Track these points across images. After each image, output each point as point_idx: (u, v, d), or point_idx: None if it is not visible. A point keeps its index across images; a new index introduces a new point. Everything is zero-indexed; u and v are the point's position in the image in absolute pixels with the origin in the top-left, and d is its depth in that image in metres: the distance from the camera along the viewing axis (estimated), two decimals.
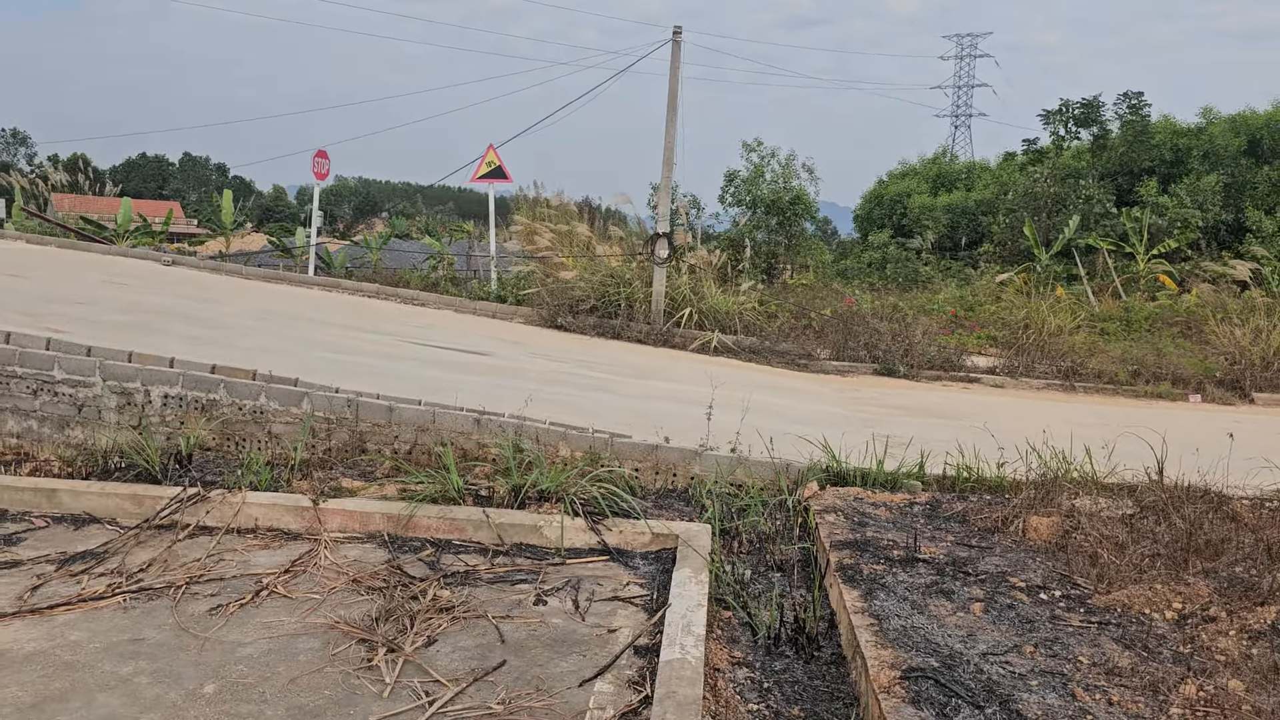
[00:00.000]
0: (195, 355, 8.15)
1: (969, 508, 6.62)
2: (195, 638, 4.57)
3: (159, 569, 5.42)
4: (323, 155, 19.06)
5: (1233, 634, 4.55)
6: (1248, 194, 27.21)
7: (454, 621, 4.85)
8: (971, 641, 4.44)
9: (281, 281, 18.05)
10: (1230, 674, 4.08)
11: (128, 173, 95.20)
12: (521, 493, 6.44)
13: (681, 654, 4.20)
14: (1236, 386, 14.98)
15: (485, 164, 18.40)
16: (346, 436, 7.59)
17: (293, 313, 13.64)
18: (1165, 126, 30.40)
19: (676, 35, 16.47)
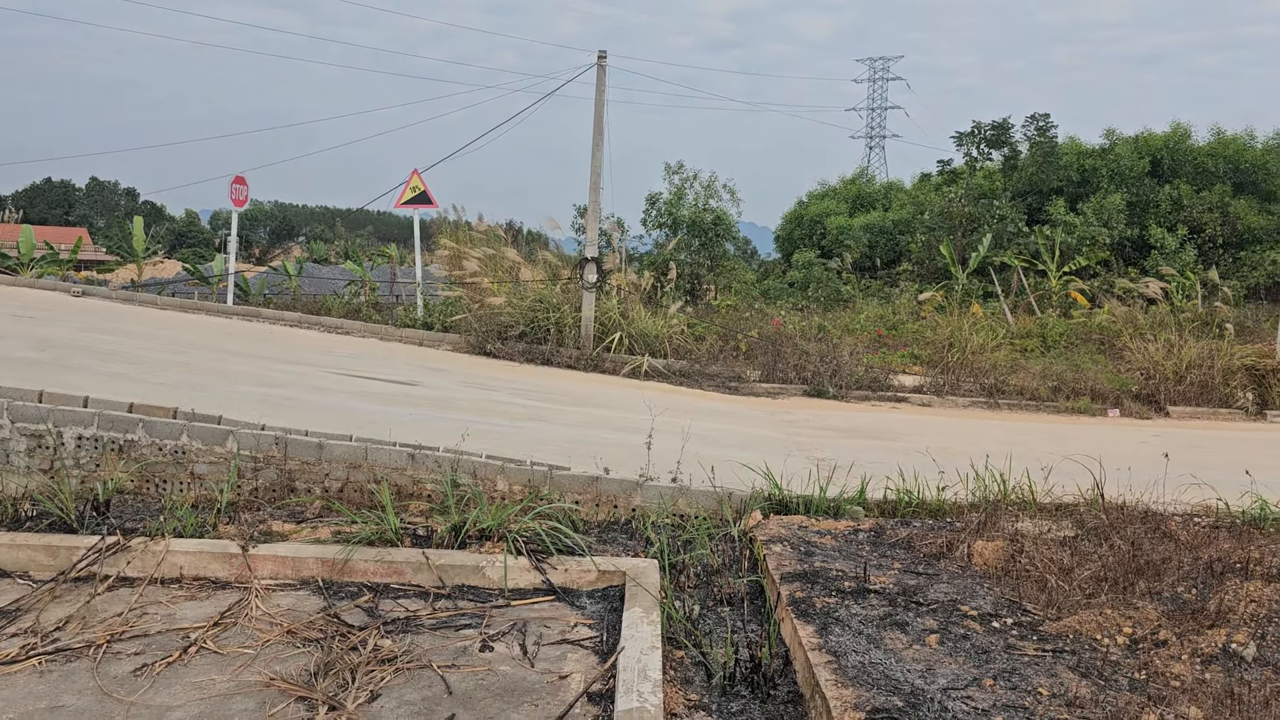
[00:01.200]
0: (111, 393, 7.78)
1: (913, 533, 6.61)
2: (119, 702, 4.28)
3: (77, 626, 5.10)
4: (241, 181, 18.55)
5: (1185, 658, 4.58)
6: (1151, 212, 28.21)
7: (397, 673, 4.64)
8: (931, 676, 4.39)
9: (199, 311, 17.47)
10: (1188, 700, 4.10)
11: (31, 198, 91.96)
12: (462, 532, 6.24)
13: (639, 702, 4.07)
14: (1152, 401, 15.42)
15: (409, 189, 18.10)
16: (275, 476, 7.29)
17: (212, 344, 13.18)
18: (1072, 148, 31.39)
19: (601, 59, 16.44)
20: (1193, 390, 15.51)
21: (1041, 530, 6.36)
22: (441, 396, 11.43)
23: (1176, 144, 30.61)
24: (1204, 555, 5.84)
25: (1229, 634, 4.77)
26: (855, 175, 43.80)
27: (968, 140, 32.49)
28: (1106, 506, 6.77)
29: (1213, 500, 7.39)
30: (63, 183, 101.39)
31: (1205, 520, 6.91)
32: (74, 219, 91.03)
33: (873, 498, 7.50)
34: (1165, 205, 28.26)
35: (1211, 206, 27.42)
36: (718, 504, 7.19)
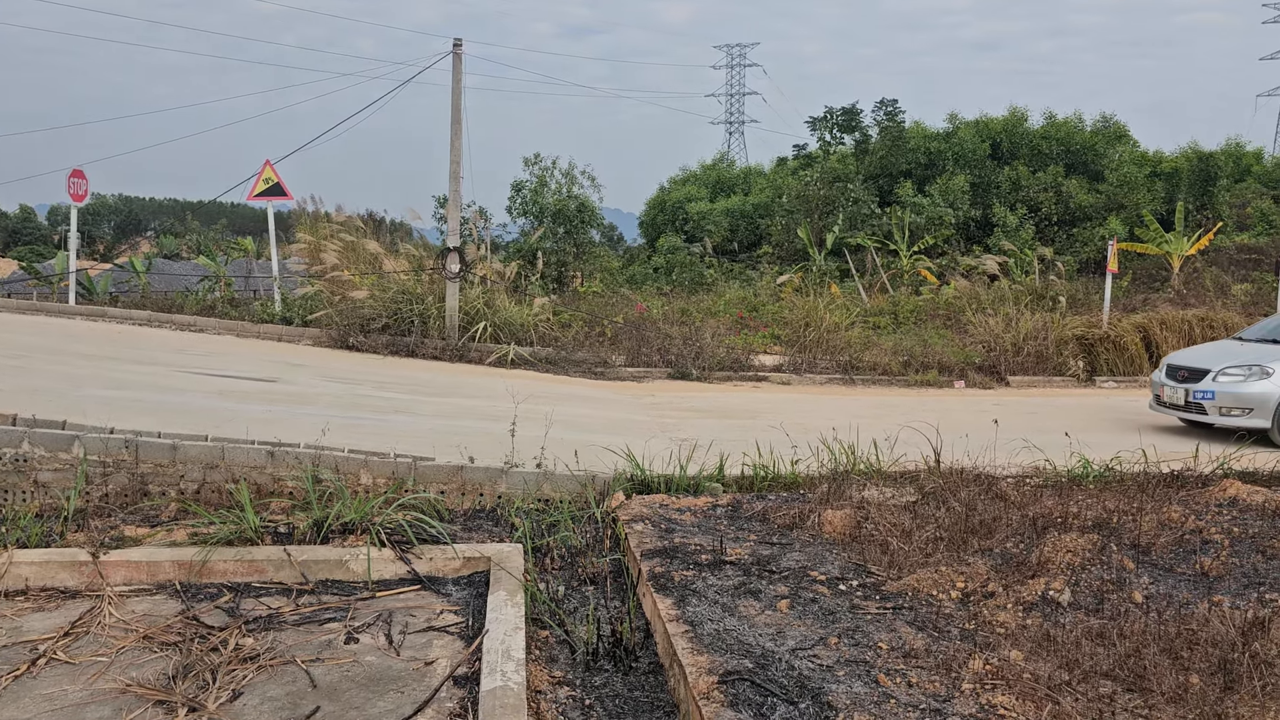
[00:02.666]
0: None
1: (768, 506, 6.91)
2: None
3: None
4: (79, 175, 17.66)
5: (1010, 607, 4.98)
6: (993, 193, 29.71)
7: (260, 670, 4.63)
8: (781, 639, 4.66)
9: (39, 313, 16.61)
10: (1010, 645, 4.47)
11: None
12: (324, 526, 6.21)
13: (503, 681, 4.19)
14: (994, 371, 16.33)
15: (262, 181, 17.59)
16: (126, 480, 7.08)
17: (55, 347, 12.59)
18: (918, 131, 32.75)
19: (457, 47, 16.31)
20: (1030, 360, 16.50)
21: (886, 497, 6.75)
22: (302, 392, 11.24)
23: (1014, 127, 32.28)
24: (1030, 513, 6.32)
25: (1047, 583, 5.21)
26: (716, 160, 44.60)
27: (821, 125, 33.52)
28: (944, 472, 7.22)
29: (1041, 462, 7.95)
30: None
31: (1033, 480, 7.44)
32: None
33: (731, 474, 7.79)
34: (1005, 186, 29.80)
35: (1046, 186, 29.06)
36: (582, 487, 7.35)
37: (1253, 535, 6.27)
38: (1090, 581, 5.33)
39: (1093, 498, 6.77)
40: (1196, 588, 5.42)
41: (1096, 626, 4.66)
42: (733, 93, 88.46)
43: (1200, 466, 7.89)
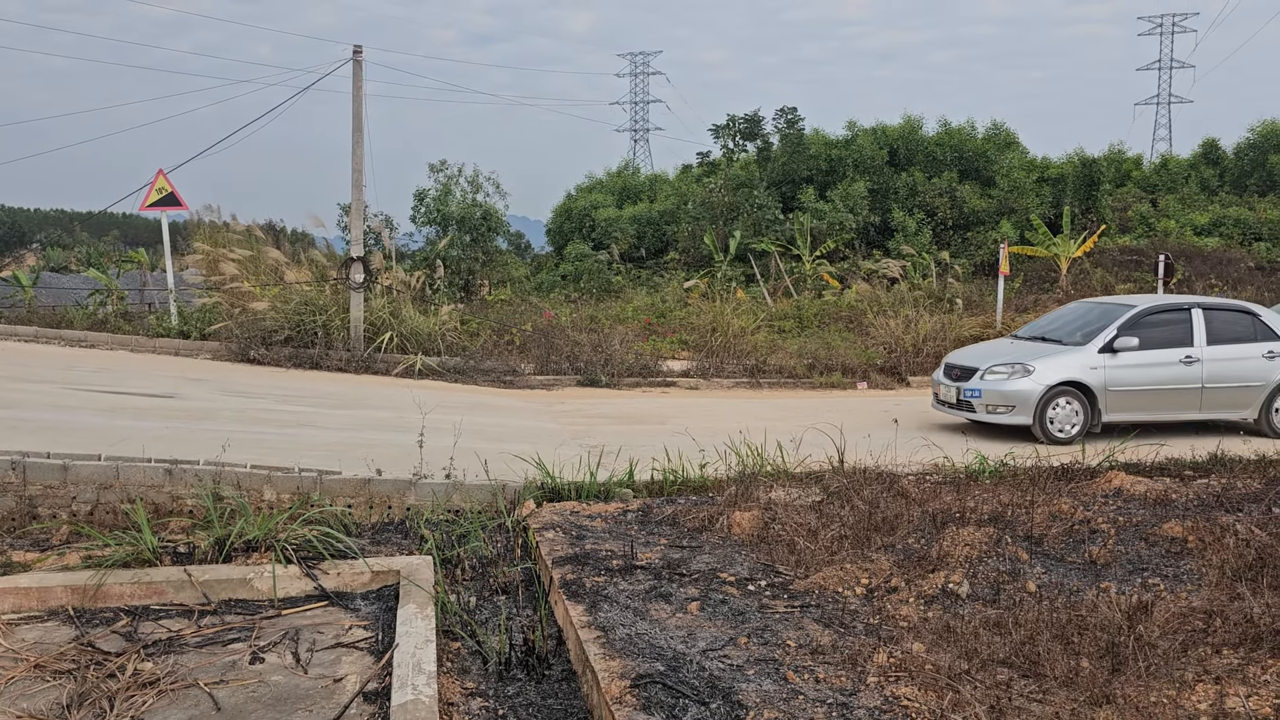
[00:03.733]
0: None
1: (678, 510, 6.99)
2: None
3: None
4: None
5: (912, 601, 5.13)
6: (891, 198, 30.45)
7: (160, 695, 4.50)
8: (692, 641, 4.72)
9: None
10: (913, 638, 4.61)
11: None
12: (226, 545, 6.06)
13: (414, 695, 4.16)
14: (895, 372, 16.74)
15: (155, 190, 17.04)
16: (13, 503, 6.80)
17: None
18: (818, 139, 33.37)
19: (357, 54, 16.07)
20: (930, 361, 16.94)
21: (792, 498, 6.89)
22: (201, 407, 10.93)
23: (910, 135, 33.13)
24: (930, 508, 6.52)
25: (947, 575, 5.38)
26: (621, 168, 44.70)
27: (724, 133, 33.89)
28: (848, 471, 7.40)
29: (940, 459, 8.20)
30: None
31: (933, 478, 7.67)
32: None
33: (641, 479, 7.85)
34: (903, 191, 30.56)
35: (942, 192, 29.89)
36: (492, 496, 7.32)
37: (1136, 523, 6.58)
38: (987, 573, 5.52)
39: (988, 492, 7.02)
40: (1085, 575, 5.66)
41: (994, 616, 4.84)
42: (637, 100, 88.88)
43: (1087, 460, 8.24)
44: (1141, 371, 11.00)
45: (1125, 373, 10.95)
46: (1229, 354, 11.17)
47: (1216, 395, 11.16)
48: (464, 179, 26.62)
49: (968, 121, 33.79)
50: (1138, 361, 10.98)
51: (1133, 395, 11.00)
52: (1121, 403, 10.98)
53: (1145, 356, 11.00)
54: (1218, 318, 11.37)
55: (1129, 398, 10.99)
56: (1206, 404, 11.18)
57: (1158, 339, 11.15)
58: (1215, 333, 11.24)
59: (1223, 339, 11.24)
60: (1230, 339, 11.28)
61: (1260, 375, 11.22)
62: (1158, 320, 11.30)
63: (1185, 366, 11.04)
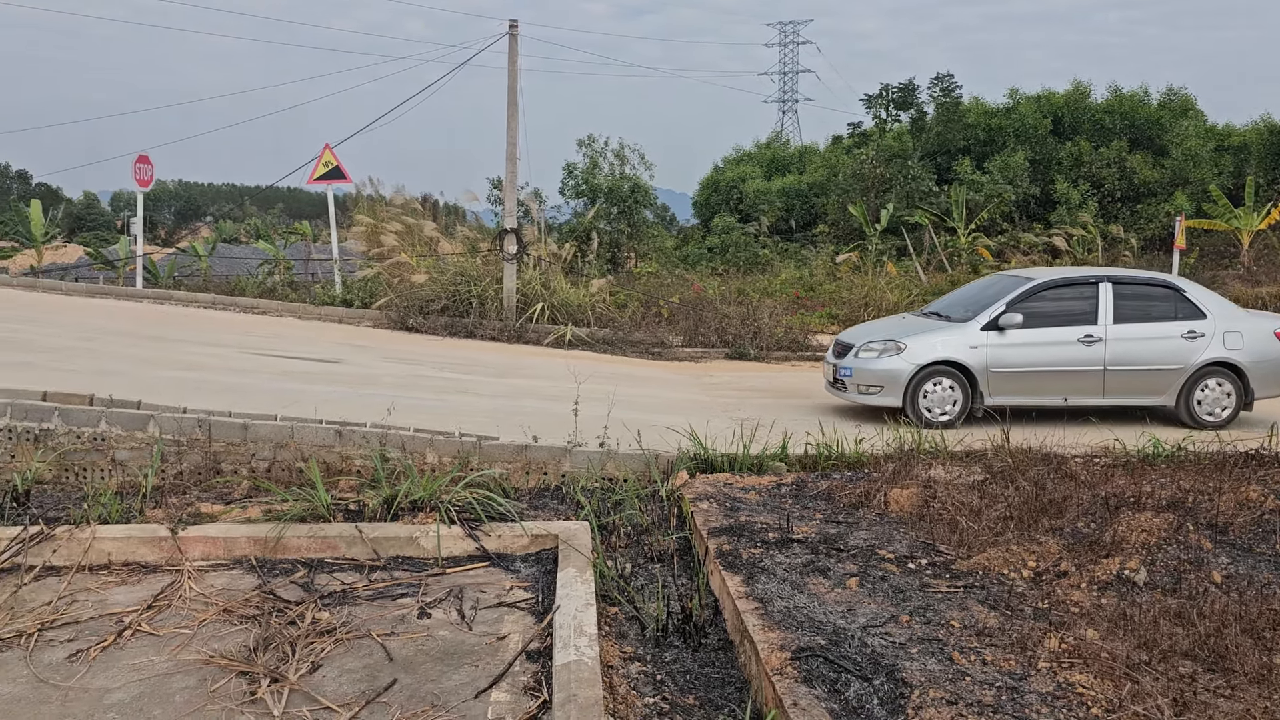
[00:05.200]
0: (22, 383, 7.63)
1: (833, 485, 6.88)
2: (56, 688, 4.29)
3: (5, 617, 5.05)
4: (145, 160, 18.03)
5: (1083, 586, 4.90)
6: (1054, 169, 29.12)
7: (337, 644, 4.72)
8: (852, 616, 4.63)
9: (107, 296, 17.02)
10: (1086, 624, 4.40)
11: None
12: (394, 504, 6.31)
13: (577, 655, 4.22)
14: None
15: (322, 164, 17.80)
16: (199, 458, 7.25)
17: (125, 329, 12.90)
18: (976, 107, 32.16)
19: (513, 29, 16.34)
20: None
21: (952, 476, 6.68)
22: (365, 373, 11.39)
23: (1076, 102, 31.57)
24: (1101, 492, 6.21)
25: (1122, 562, 5.11)
26: (770, 140, 44.23)
27: (876, 103, 33.09)
28: (1012, 451, 7.12)
29: (1110, 441, 7.81)
30: None
31: (1104, 460, 7.30)
32: None
33: (794, 453, 7.76)
34: (1067, 162, 29.18)
35: (1110, 162, 28.40)
36: (645, 466, 7.37)
37: None
38: (1166, 561, 5.22)
39: (1165, 477, 6.64)
40: (1278, 568, 5.29)
41: (1175, 606, 4.57)
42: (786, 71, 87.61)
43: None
44: (1030, 351, 9.93)
45: (1011, 352, 9.91)
46: (1140, 333, 10.01)
47: (1123, 379, 9.99)
48: (610, 152, 26.82)
49: (1140, 87, 31.91)
50: (1027, 340, 9.94)
51: (1019, 377, 9.95)
52: (1006, 385, 9.95)
53: (1036, 335, 9.96)
54: (1132, 293, 10.18)
55: (1015, 379, 9.95)
56: (1111, 388, 10.02)
57: (1054, 316, 10.06)
58: (1126, 310, 10.07)
59: (1135, 317, 10.07)
60: (1144, 317, 10.09)
61: (1177, 357, 9.98)
62: (1057, 295, 10.20)
63: (1084, 346, 9.92)
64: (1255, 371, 9.97)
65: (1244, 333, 10.02)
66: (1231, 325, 10.06)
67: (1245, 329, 10.06)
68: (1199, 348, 9.95)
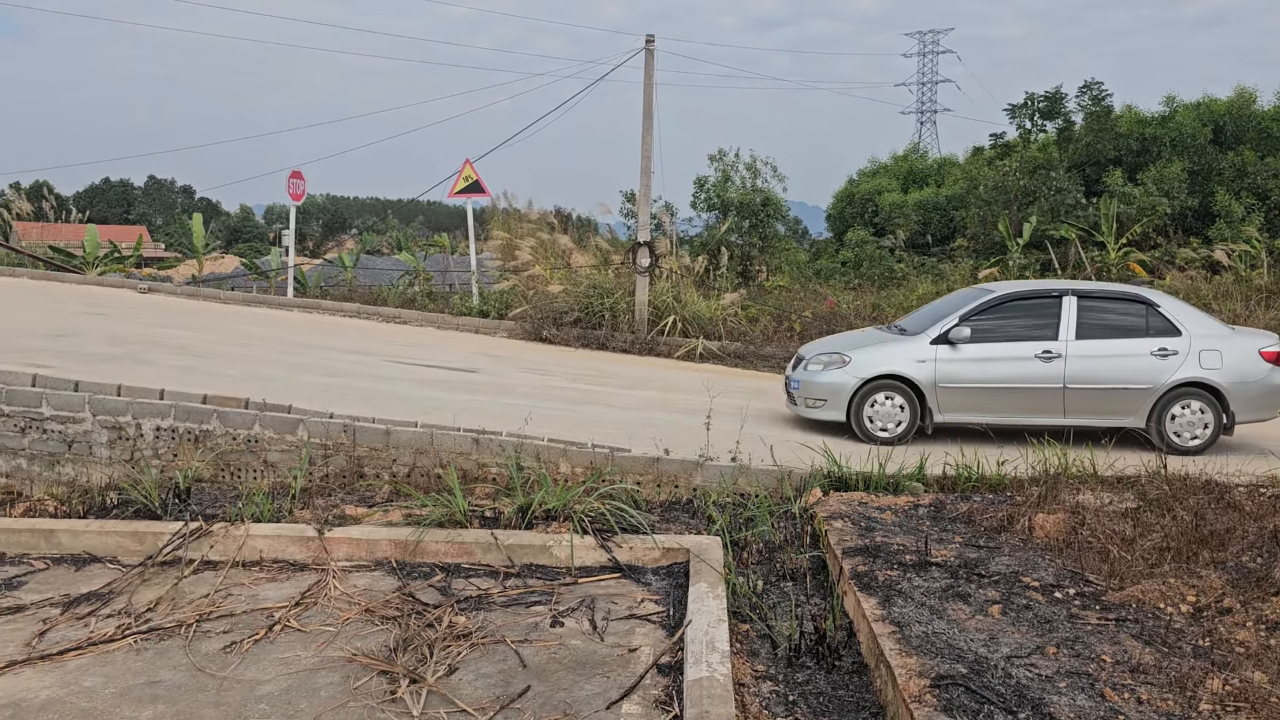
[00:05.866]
0: (184, 385, 8.07)
1: (974, 508, 6.65)
2: (212, 677, 4.50)
3: (167, 607, 5.35)
4: (298, 176, 18.91)
5: (1250, 625, 4.59)
6: (1214, 180, 27.56)
7: (473, 648, 4.81)
8: (994, 645, 4.46)
9: (260, 305, 17.89)
10: (1253, 666, 4.12)
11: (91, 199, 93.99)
12: (528, 512, 6.40)
13: (709, 672, 4.19)
14: None
15: (462, 179, 18.33)
16: (344, 462, 7.52)
17: (276, 336, 13.53)
18: (1129, 116, 30.74)
19: (649, 44, 16.48)
20: None
21: (1103, 502, 6.36)
22: (501, 382, 11.63)
23: (1240, 110, 29.82)
24: (1269, 525, 5.81)
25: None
26: (907, 151, 43.31)
27: (1021, 112, 32.01)
28: (1169, 478, 6.75)
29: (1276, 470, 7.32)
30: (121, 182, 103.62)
31: (1271, 490, 6.84)
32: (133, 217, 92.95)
33: (932, 473, 7.54)
34: (1229, 173, 27.57)
35: (1277, 173, 26.71)
36: (778, 482, 7.28)
37: None
38: None
39: None
40: None
41: None
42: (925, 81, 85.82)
43: None
44: (982, 367, 9.34)
45: (962, 367, 9.35)
46: (1104, 350, 9.29)
47: (1085, 398, 9.27)
48: (742, 165, 26.74)
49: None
50: (980, 355, 9.36)
51: (970, 393, 9.36)
52: (957, 401, 9.38)
53: (990, 350, 9.37)
54: (1098, 307, 9.48)
55: (965, 396, 9.36)
56: (1072, 408, 9.30)
57: (1012, 330, 9.46)
58: (1091, 325, 9.38)
59: (1100, 332, 9.37)
60: (1110, 333, 9.38)
61: (1146, 376, 9.20)
62: (1016, 309, 9.58)
63: (1042, 363, 9.26)
64: (1236, 393, 9.16)
65: (1224, 351, 9.24)
66: (1210, 343, 9.29)
67: (1226, 347, 9.28)
68: (1171, 366, 9.21)
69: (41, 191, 33.44)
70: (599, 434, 8.08)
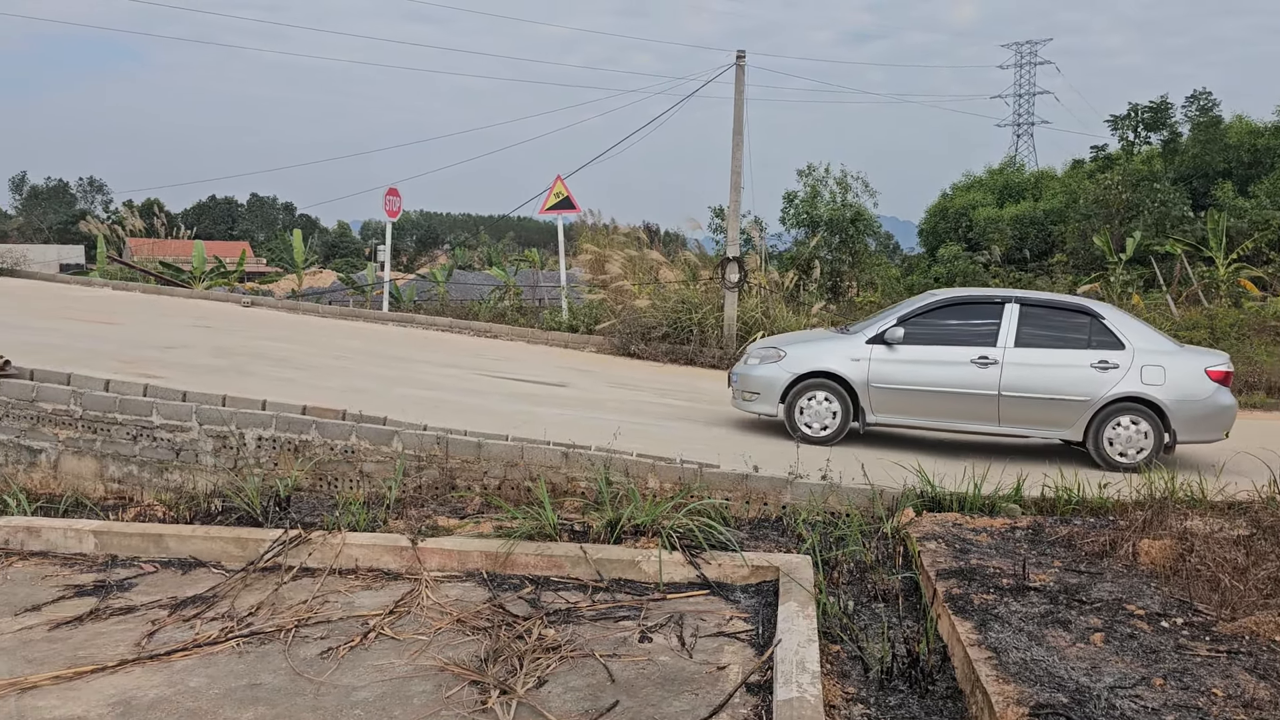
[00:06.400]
0: (284, 396, 8.31)
1: (1074, 531, 6.44)
2: (310, 681, 4.61)
3: (268, 612, 5.50)
4: (394, 193, 19.39)
5: None
6: None
7: (561, 661, 4.84)
8: (1096, 674, 4.30)
9: (357, 319, 18.36)
10: None
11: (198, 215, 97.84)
12: (617, 527, 6.42)
13: (799, 692, 4.13)
14: None
15: (554, 195, 18.57)
16: (436, 474, 7.65)
17: (371, 350, 13.86)
18: (1240, 126, 29.65)
19: (740, 59, 16.48)
20: None
21: (1213, 529, 6.11)
22: (590, 397, 11.71)
23: None
24: None
25: None
26: (1003, 165, 42.46)
27: (1123, 124, 31.15)
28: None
29: None
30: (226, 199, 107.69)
31: None
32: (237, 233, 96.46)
33: (1029, 495, 7.33)
34: None
35: None
36: (869, 501, 7.17)
37: None
38: None
39: None
40: None
41: None
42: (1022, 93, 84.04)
43: None
44: (917, 369, 9.21)
45: (895, 368, 9.24)
46: (1042, 359, 9.02)
47: (1020, 407, 8.99)
48: (832, 180, 26.56)
49: None
50: (915, 357, 9.23)
51: (902, 395, 9.22)
52: (889, 402, 9.27)
53: (925, 352, 9.23)
54: (1041, 316, 9.22)
55: (898, 397, 9.24)
56: (1007, 416, 9.04)
57: (951, 334, 9.28)
58: (1031, 334, 9.12)
59: (1040, 342, 9.10)
60: (1051, 343, 9.10)
61: (1084, 389, 8.88)
62: (958, 313, 9.43)
63: (978, 369, 9.03)
64: (1178, 411, 8.81)
65: (1167, 368, 8.90)
66: (1154, 359, 8.96)
67: (1170, 364, 8.94)
68: (1110, 380, 8.90)
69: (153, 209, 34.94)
70: (687, 449, 8.07)
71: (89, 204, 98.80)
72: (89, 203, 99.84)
